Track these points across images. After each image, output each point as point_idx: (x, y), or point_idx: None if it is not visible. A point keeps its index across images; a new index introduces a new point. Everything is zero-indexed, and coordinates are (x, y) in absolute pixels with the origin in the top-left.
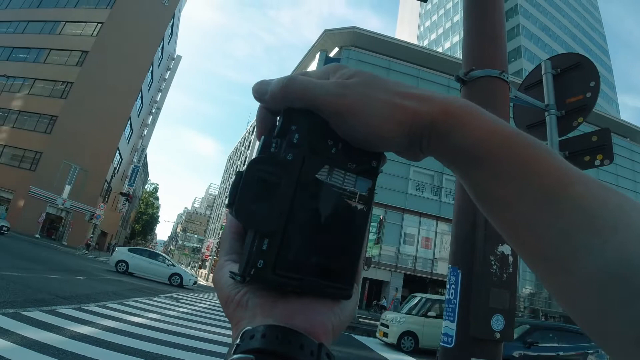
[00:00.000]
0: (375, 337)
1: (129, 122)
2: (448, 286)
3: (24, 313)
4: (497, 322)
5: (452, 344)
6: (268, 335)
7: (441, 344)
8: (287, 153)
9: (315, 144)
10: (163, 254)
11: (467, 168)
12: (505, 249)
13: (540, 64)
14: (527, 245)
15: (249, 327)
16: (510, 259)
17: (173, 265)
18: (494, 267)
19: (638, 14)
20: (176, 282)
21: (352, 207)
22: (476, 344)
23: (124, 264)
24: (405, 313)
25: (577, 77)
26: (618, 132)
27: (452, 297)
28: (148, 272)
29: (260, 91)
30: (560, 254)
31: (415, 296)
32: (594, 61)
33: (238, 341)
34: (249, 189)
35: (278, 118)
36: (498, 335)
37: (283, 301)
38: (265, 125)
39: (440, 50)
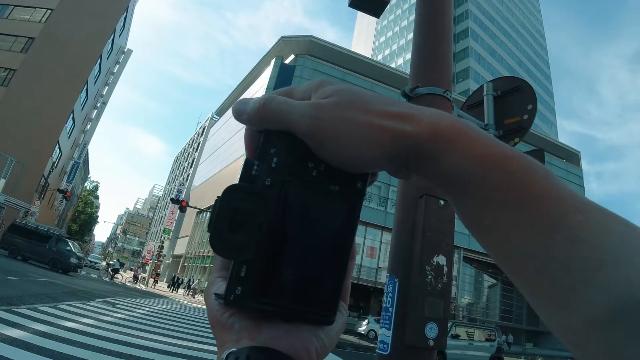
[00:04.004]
0: None
1: (72, 115)
2: (385, 294)
3: None
4: (431, 330)
5: (388, 351)
6: (252, 358)
7: (377, 351)
8: (265, 178)
9: (294, 167)
10: None
11: (457, 193)
12: (441, 259)
13: (482, 85)
14: (524, 279)
15: (234, 349)
16: (445, 269)
17: None
18: (430, 277)
19: (582, 46)
20: None
21: (334, 231)
22: (411, 352)
23: None
24: None
25: (516, 100)
26: (556, 154)
27: (389, 305)
28: None
29: (239, 111)
30: (559, 290)
31: None
32: (536, 86)
33: None
34: (224, 218)
35: None
36: (432, 343)
37: (267, 325)
38: (251, 145)
39: (393, 65)
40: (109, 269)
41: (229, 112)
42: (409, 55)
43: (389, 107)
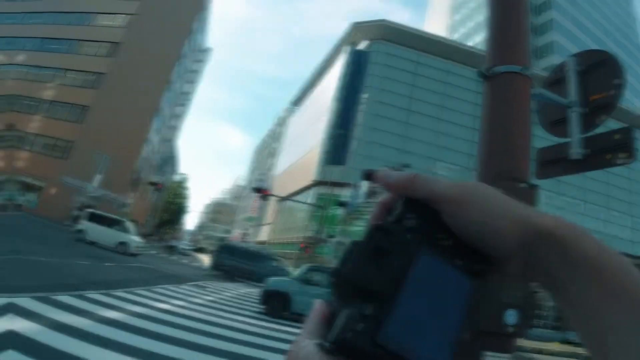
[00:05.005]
0: None
1: (159, 112)
2: None
3: (53, 297)
4: (511, 317)
5: None
6: None
7: None
8: (405, 234)
9: (427, 235)
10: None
11: (572, 281)
12: None
13: (564, 60)
14: None
15: None
16: None
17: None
18: None
19: None
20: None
21: (451, 299)
22: (488, 338)
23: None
24: None
25: (602, 75)
26: None
27: None
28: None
29: (383, 177)
30: None
31: None
32: (627, 58)
33: None
34: (367, 253)
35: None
36: (511, 330)
37: None
38: (380, 212)
39: (471, 43)
40: None
41: (306, 102)
42: None
43: (517, 201)
